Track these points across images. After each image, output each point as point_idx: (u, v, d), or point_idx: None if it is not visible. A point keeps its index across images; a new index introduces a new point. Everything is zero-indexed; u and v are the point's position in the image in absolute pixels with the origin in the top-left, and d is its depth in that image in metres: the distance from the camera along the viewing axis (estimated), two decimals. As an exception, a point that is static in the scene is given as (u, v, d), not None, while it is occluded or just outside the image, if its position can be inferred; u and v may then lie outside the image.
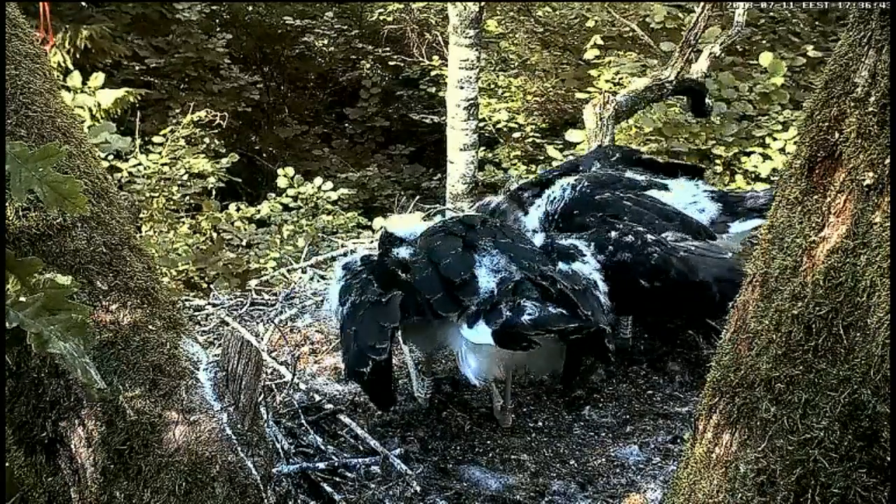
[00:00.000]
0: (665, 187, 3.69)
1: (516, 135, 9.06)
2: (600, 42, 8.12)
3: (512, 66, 9.82)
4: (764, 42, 8.17)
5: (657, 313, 3.60)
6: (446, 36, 7.78)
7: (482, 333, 2.76)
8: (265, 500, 2.42)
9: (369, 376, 2.80)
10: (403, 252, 3.05)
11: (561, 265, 3.02)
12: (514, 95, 9.29)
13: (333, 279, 3.14)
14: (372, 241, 5.57)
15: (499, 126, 9.10)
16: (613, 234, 3.36)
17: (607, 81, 7.80)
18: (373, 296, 2.87)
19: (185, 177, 7.73)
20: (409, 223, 3.46)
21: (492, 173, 8.53)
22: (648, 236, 3.35)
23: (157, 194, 7.38)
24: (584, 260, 3.10)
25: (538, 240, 3.24)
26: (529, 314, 2.71)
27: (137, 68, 10.08)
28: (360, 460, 2.94)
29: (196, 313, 4.12)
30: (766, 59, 7.36)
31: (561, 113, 9.30)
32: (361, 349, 2.77)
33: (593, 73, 8.09)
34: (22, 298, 1.72)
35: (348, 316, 2.92)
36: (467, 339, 2.83)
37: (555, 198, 3.68)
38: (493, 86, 9.44)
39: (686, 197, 3.64)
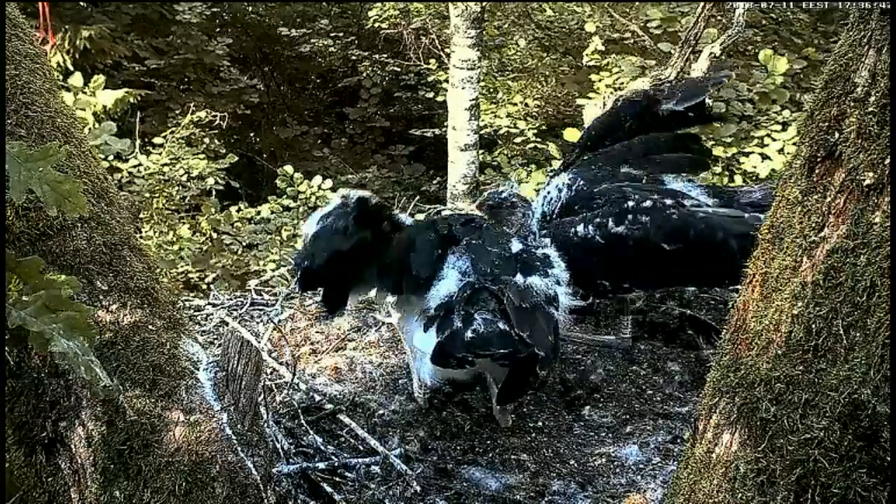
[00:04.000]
0: (661, 182, 3.67)
1: (518, 140, 9.04)
2: (601, 48, 8.09)
3: (511, 70, 9.80)
4: (764, 43, 8.16)
5: (680, 279, 3.57)
6: (444, 39, 7.78)
7: (428, 343, 2.82)
8: (265, 500, 2.43)
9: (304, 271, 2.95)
10: (405, 218, 3.14)
11: (518, 277, 2.97)
12: (514, 99, 9.27)
13: (330, 204, 3.13)
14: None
15: (500, 132, 9.08)
16: (630, 203, 3.34)
17: (608, 87, 7.78)
18: (342, 224, 2.90)
19: (185, 178, 7.73)
20: None
21: (492, 176, 8.53)
22: (666, 200, 3.35)
23: (156, 195, 7.38)
24: (550, 272, 3.05)
25: (515, 245, 3.16)
26: (474, 331, 2.74)
27: (137, 69, 10.09)
28: (360, 460, 2.94)
29: (196, 313, 4.12)
30: (765, 56, 7.34)
31: (560, 115, 9.29)
32: (313, 252, 2.90)
33: (594, 77, 8.07)
34: (24, 298, 1.72)
35: (314, 234, 2.96)
36: (417, 345, 2.92)
37: (551, 198, 3.63)
38: (492, 89, 9.42)
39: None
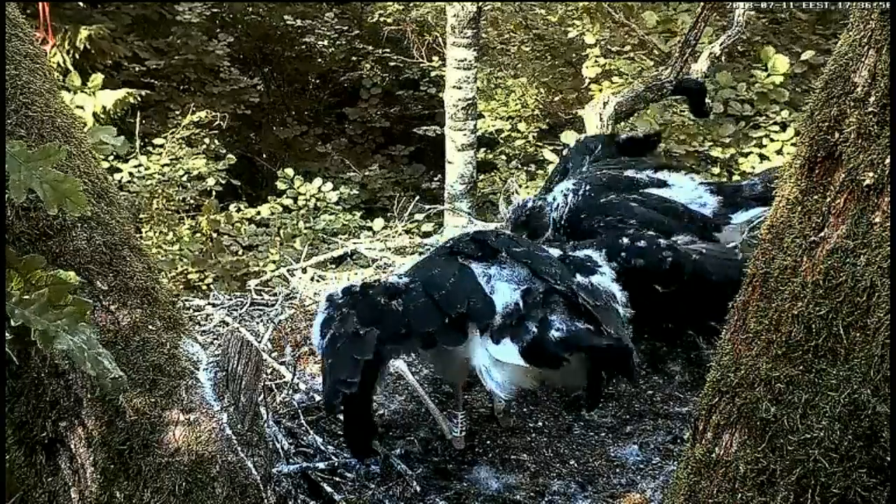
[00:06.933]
0: (665, 184, 3.68)
1: (518, 143, 9.01)
2: (601, 61, 8.05)
3: (510, 69, 9.77)
4: (764, 43, 8.15)
5: (672, 318, 3.58)
6: (445, 36, 7.77)
7: (509, 351, 2.71)
8: (265, 500, 2.43)
9: (340, 409, 2.81)
10: (395, 279, 2.92)
11: (579, 278, 2.91)
12: (512, 102, 9.24)
13: (318, 311, 2.99)
14: (372, 242, 5.57)
15: (500, 138, 9.07)
16: (625, 240, 3.31)
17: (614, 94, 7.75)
18: (350, 328, 2.75)
19: (185, 178, 7.73)
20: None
21: (490, 180, 8.52)
22: (661, 241, 3.32)
23: (156, 195, 7.38)
24: (601, 271, 2.99)
25: (554, 251, 3.10)
26: (558, 329, 2.66)
27: (137, 69, 10.07)
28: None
29: (196, 313, 4.12)
30: (765, 54, 7.33)
31: (558, 118, 9.27)
32: (334, 382, 2.69)
33: (594, 87, 8.04)
34: (25, 297, 1.71)
35: (326, 349, 2.81)
36: (493, 355, 2.75)
37: (558, 204, 3.62)
38: (492, 85, 9.40)
39: (687, 192, 3.63)
